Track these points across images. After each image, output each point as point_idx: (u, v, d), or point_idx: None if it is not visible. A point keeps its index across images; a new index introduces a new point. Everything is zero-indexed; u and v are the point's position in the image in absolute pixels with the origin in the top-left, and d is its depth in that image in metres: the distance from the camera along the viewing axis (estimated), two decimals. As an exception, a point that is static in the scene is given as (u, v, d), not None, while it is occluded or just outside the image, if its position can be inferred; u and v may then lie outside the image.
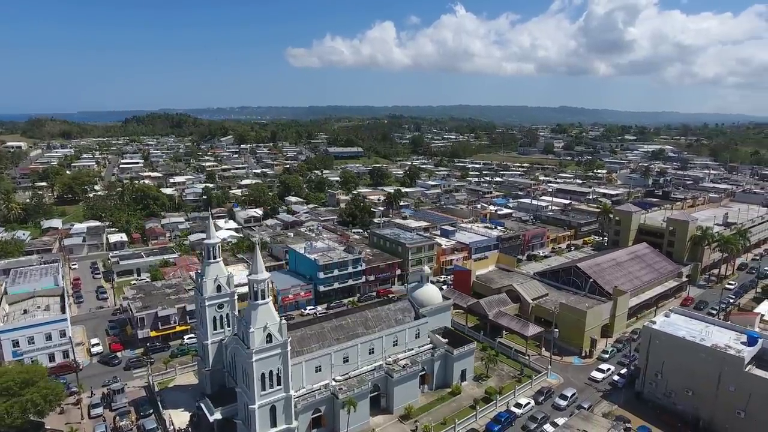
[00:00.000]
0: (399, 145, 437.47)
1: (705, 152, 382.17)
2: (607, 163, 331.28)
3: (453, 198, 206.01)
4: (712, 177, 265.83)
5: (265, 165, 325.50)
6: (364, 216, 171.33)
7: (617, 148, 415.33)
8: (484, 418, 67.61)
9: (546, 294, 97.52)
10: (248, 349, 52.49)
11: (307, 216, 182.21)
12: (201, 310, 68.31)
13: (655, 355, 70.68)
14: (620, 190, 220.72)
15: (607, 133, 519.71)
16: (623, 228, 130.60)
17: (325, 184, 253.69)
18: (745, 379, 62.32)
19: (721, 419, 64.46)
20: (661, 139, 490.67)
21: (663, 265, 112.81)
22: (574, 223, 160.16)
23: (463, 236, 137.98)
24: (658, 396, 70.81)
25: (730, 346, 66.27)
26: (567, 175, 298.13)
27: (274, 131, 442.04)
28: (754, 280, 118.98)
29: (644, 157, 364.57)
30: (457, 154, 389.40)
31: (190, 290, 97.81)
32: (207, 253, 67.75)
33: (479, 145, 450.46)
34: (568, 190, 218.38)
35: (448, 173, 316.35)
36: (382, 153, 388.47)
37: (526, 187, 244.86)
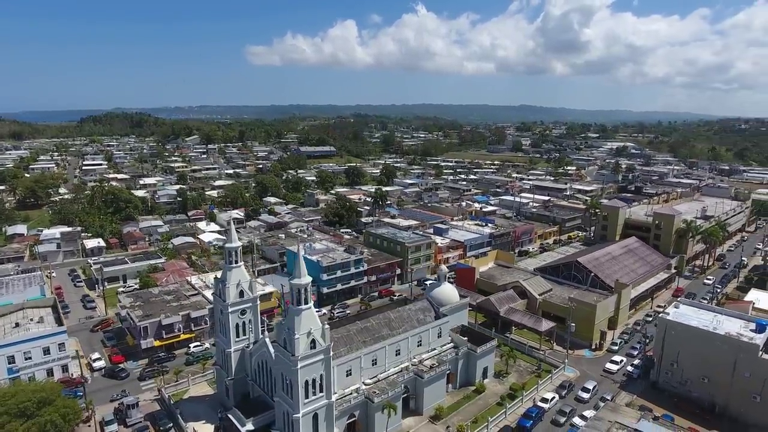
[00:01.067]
0: (370, 143, 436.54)
1: (664, 149, 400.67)
2: (575, 160, 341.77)
3: (436, 196, 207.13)
4: (675, 172, 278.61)
5: (237, 165, 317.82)
6: (351, 216, 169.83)
7: (582, 146, 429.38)
8: (513, 414, 68.15)
9: (550, 289, 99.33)
10: (293, 356, 50.76)
11: (291, 217, 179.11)
12: (223, 317, 65.63)
13: (671, 345, 73.13)
14: (594, 186, 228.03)
15: (569, 131, 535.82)
16: (611, 223, 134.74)
17: (302, 184, 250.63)
18: (760, 365, 65.33)
19: (737, 404, 67.36)
20: (620, 137, 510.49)
21: (654, 258, 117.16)
22: (558, 219, 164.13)
23: (457, 234, 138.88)
24: (674, 385, 73.33)
25: (742, 334, 69.41)
26: (538, 172, 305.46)
27: (243, 131, 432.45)
28: (734, 269, 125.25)
29: (609, 153, 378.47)
30: (429, 152, 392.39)
31: (192, 296, 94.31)
32: (228, 257, 65.25)
33: (449, 143, 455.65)
34: (546, 187, 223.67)
35: (422, 171, 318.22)
36: (354, 152, 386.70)
37: (503, 184, 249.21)
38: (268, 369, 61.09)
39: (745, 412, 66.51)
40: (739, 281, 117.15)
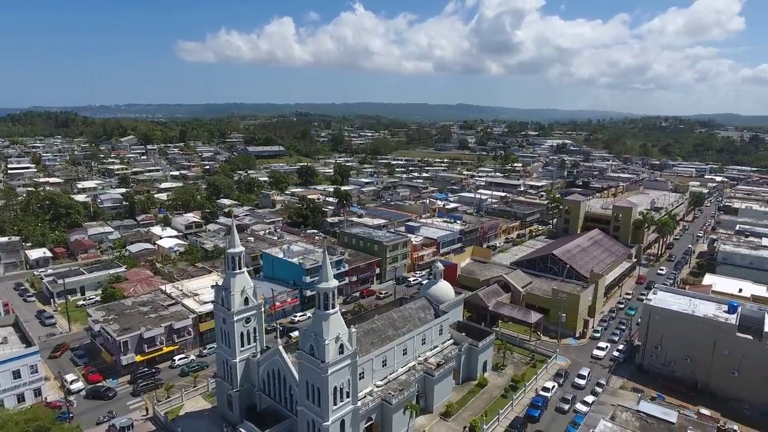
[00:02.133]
0: (318, 143, 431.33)
1: (600, 146, 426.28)
2: (520, 157, 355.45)
3: (397, 195, 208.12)
4: (612, 168, 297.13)
5: (181, 167, 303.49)
6: (316, 216, 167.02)
7: (524, 143, 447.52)
8: (518, 405, 69.93)
9: (530, 282, 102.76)
10: (323, 362, 49.17)
11: (250, 219, 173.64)
12: (226, 326, 62.42)
13: (655, 330, 77.94)
14: (544, 182, 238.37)
15: (510, 129, 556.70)
16: (573, 216, 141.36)
17: (255, 185, 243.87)
18: (737, 343, 71.14)
19: (717, 380, 72.97)
20: (556, 134, 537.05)
21: (617, 249, 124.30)
22: (519, 214, 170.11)
23: (428, 232, 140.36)
24: (658, 366, 78.23)
25: (718, 316, 75.24)
26: (487, 169, 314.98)
27: (184, 130, 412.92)
28: (685, 256, 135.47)
29: (550, 150, 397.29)
30: (378, 150, 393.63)
31: (170, 306, 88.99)
32: (230, 263, 62.16)
33: (398, 142, 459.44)
34: (500, 183, 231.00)
35: (374, 170, 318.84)
36: (304, 151, 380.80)
37: (458, 181, 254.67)
38: (281, 378, 58.89)
39: (725, 388, 72.15)
40: (691, 267, 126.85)
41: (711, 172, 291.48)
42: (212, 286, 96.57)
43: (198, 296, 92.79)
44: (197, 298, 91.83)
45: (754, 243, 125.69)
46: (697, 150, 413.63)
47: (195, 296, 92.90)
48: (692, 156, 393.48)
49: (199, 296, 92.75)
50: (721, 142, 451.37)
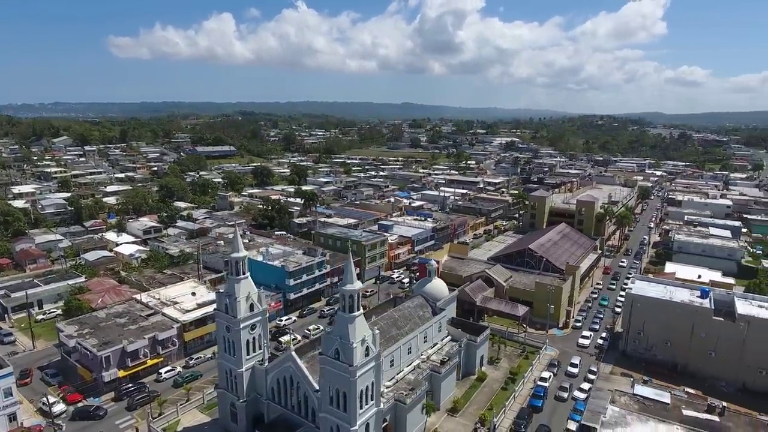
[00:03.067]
0: (269, 142, 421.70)
1: (545, 143, 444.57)
2: (472, 155, 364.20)
3: (361, 194, 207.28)
4: (560, 164, 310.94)
5: (125, 168, 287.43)
6: (283, 217, 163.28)
7: (474, 141, 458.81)
8: (520, 396, 71.73)
9: (511, 276, 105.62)
10: (351, 366, 48.14)
11: (211, 222, 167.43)
12: (231, 335, 59.79)
13: (637, 317, 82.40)
14: (501, 179, 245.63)
15: (458, 127, 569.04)
16: (539, 211, 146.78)
17: (209, 187, 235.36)
18: (713, 326, 76.55)
19: (695, 361, 78.19)
20: (501, 132, 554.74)
21: (584, 241, 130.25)
22: (484, 211, 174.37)
23: (402, 230, 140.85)
24: (641, 351, 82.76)
25: (693, 301, 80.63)
26: (442, 167, 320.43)
27: (125, 130, 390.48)
28: (641, 247, 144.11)
29: (500, 148, 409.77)
30: (332, 150, 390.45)
31: (149, 316, 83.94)
32: (234, 268, 59.58)
33: (350, 140, 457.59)
34: (460, 180, 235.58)
35: (330, 170, 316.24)
36: (255, 151, 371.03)
37: (417, 179, 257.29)
38: (294, 385, 57.13)
39: (703, 368, 77.45)
40: (650, 257, 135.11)
41: (650, 167, 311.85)
42: (192, 293, 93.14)
43: (178, 304, 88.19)
44: (178, 307, 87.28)
45: (704, 232, 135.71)
46: (632, 146, 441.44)
47: (175, 305, 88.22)
48: (628, 152, 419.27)
49: (179, 304, 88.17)
50: (653, 139, 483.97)
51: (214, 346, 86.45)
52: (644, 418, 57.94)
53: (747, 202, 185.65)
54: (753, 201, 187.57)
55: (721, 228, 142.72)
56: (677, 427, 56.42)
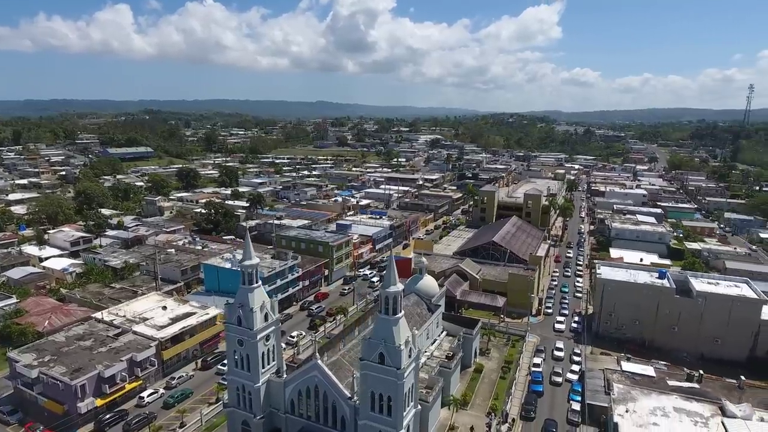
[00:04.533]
0: (188, 142, 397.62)
1: (466, 140, 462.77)
2: (401, 152, 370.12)
3: (304, 193, 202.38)
4: (486, 160, 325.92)
5: (26, 174, 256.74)
6: (229, 221, 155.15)
7: (399, 139, 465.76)
8: (519, 384, 74.55)
9: (480, 269, 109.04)
10: (399, 369, 47.16)
11: (146, 229, 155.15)
12: (245, 349, 55.91)
13: (608, 299, 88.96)
14: (436, 176, 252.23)
15: (380, 125, 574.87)
16: (488, 206, 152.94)
17: (131, 191, 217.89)
18: (675, 304, 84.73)
19: (660, 336, 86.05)
20: (422, 129, 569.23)
21: (535, 232, 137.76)
22: (432, 207, 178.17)
23: (358, 229, 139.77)
24: (611, 331, 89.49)
25: (655, 282, 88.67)
26: (374, 165, 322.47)
27: (18, 131, 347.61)
28: (580, 236, 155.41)
29: (426, 145, 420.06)
30: (257, 149, 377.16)
31: (117, 335, 75.92)
32: (247, 276, 55.85)
33: (275, 140, 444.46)
34: (399, 178, 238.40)
35: (259, 170, 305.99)
36: (174, 152, 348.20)
37: (354, 178, 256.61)
38: (321, 394, 54.78)
39: (667, 342, 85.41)
40: (591, 244, 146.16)
41: (566, 161, 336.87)
42: (163, 307, 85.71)
43: (150, 320, 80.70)
44: (150, 323, 79.86)
45: (635, 219, 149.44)
46: (544, 142, 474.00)
47: (145, 321, 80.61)
48: (541, 147, 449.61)
49: (151, 320, 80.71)
50: (561, 135, 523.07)
51: (193, 362, 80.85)
52: (646, 392, 62.89)
53: (658, 191, 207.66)
54: (662, 190, 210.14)
55: (646, 215, 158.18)
56: (675, 397, 61.89)
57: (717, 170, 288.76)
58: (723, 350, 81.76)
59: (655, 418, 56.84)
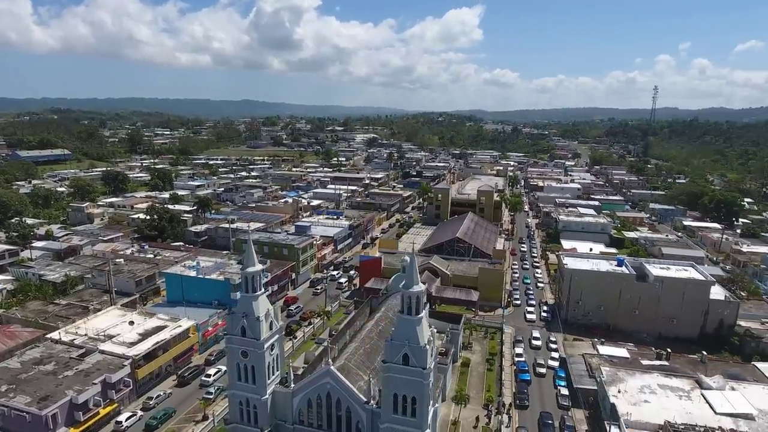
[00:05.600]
0: (110, 144, 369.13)
1: (402, 138, 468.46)
2: (339, 152, 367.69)
3: (250, 195, 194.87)
4: (425, 158, 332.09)
5: None
6: (176, 226, 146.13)
7: (336, 138, 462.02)
8: (506, 374, 76.86)
9: (448, 265, 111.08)
10: (425, 369, 46.90)
11: (81, 239, 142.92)
12: (250, 360, 52.95)
13: (575, 288, 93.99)
14: (381, 174, 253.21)
15: (313, 124, 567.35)
16: (443, 203, 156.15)
17: (53, 198, 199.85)
18: (636, 289, 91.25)
19: (623, 320, 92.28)
20: (356, 128, 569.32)
21: (491, 227, 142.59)
22: (384, 206, 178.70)
23: (318, 230, 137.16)
24: (579, 317, 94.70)
25: (616, 269, 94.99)
26: (314, 164, 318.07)
27: None
28: (528, 229, 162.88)
29: (364, 144, 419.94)
30: (188, 150, 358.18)
31: (81, 356, 69.02)
32: (250, 283, 53.05)
33: (207, 140, 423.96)
34: (345, 177, 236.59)
35: (193, 172, 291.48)
36: (94, 154, 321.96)
37: (297, 178, 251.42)
38: (334, 401, 53.18)
39: (629, 325, 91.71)
40: (542, 237, 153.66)
41: (500, 158, 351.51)
42: (130, 322, 79.06)
43: (117, 337, 74.14)
44: (118, 340, 73.39)
45: (577, 212, 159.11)
46: (475, 140, 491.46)
47: (111, 338, 73.94)
48: (472, 145, 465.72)
49: (118, 337, 74.18)
50: (491, 133, 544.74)
51: (167, 379, 75.40)
52: (630, 372, 67.16)
53: (589, 185, 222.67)
54: (593, 184, 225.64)
55: (586, 207, 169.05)
56: (656, 374, 66.68)
57: (634, 165, 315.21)
58: (678, 329, 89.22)
59: (644, 396, 60.90)
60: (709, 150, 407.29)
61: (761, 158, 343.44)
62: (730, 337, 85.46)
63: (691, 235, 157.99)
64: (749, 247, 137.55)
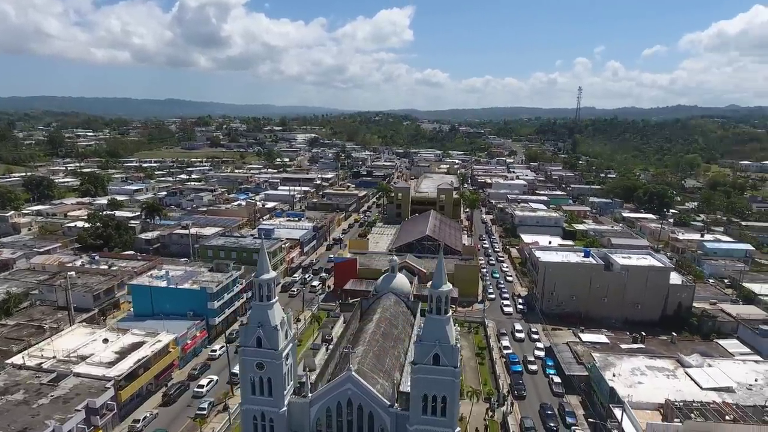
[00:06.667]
0: (26, 146, 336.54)
1: (344, 138, 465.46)
2: (282, 152, 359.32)
3: (200, 199, 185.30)
4: (371, 158, 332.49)
5: None
6: (125, 234, 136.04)
7: (276, 138, 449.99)
8: (498, 366, 78.78)
9: (422, 263, 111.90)
10: (456, 368, 46.99)
11: (13, 252, 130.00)
12: (266, 372, 50.37)
13: (549, 280, 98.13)
14: (331, 174, 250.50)
15: (252, 124, 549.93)
16: (404, 201, 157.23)
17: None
18: (604, 278, 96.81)
19: (593, 308, 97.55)
20: (294, 127, 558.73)
21: (454, 224, 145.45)
22: (342, 206, 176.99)
23: (282, 232, 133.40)
24: (553, 308, 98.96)
25: (585, 261, 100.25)
26: (257, 165, 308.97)
27: None
28: (485, 225, 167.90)
29: (306, 144, 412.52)
30: (116, 152, 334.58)
31: (56, 381, 62.59)
32: (266, 292, 50.50)
33: (136, 141, 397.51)
34: (295, 178, 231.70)
35: (126, 176, 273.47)
36: (8, 158, 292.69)
37: (244, 180, 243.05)
38: (355, 408, 51.90)
39: (599, 312, 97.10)
40: (499, 232, 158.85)
41: (442, 157, 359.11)
42: (104, 340, 72.59)
43: (91, 357, 67.88)
44: (93, 360, 67.23)
45: (530, 207, 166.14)
46: (414, 139, 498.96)
47: (85, 359, 67.58)
48: (412, 144, 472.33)
49: (92, 357, 67.94)
50: (430, 132, 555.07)
51: (150, 398, 70.14)
52: (618, 356, 71.12)
53: (533, 181, 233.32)
54: (536, 180, 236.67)
55: (536, 203, 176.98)
56: (641, 357, 71.13)
57: (567, 161, 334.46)
58: (642, 313, 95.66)
59: (637, 378, 64.75)
60: (629, 147, 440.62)
61: (675, 154, 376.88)
62: (689, 318, 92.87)
63: (631, 226, 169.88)
64: (684, 235, 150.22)
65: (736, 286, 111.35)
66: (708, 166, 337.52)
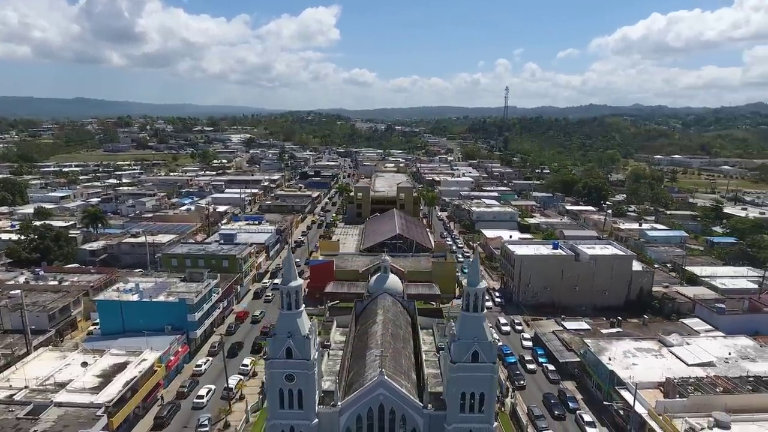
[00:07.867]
0: None
1: (280, 138, 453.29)
2: (217, 153, 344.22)
3: (141, 204, 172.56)
4: (314, 158, 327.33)
5: None
6: (66, 246, 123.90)
7: (209, 140, 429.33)
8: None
9: (398, 262, 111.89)
10: (494, 364, 47.53)
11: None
12: (297, 384, 48.06)
13: (524, 272, 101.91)
14: (277, 176, 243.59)
15: (174, 125, 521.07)
16: (364, 201, 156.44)
17: None
18: (575, 268, 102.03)
19: (565, 296, 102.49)
20: (226, 129, 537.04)
21: (418, 223, 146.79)
22: (297, 207, 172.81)
23: (245, 237, 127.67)
24: (529, 299, 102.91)
25: (555, 252, 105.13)
26: (193, 168, 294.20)
27: None
28: (444, 222, 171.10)
29: (243, 144, 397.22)
30: (31, 156, 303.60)
31: (35, 414, 55.77)
32: (294, 300, 48.13)
33: (52, 144, 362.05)
34: (241, 180, 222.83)
35: (45, 182, 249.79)
36: None
37: (184, 183, 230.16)
38: (388, 412, 50.89)
39: (570, 300, 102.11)
40: (459, 228, 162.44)
41: (383, 156, 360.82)
42: (83, 363, 65.58)
43: (69, 384, 61.10)
44: (74, 387, 60.59)
45: (484, 203, 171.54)
46: (351, 138, 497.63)
47: (64, 387, 60.72)
48: (348, 143, 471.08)
49: (71, 383, 61.19)
50: (366, 131, 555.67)
51: (138, 422, 64.41)
52: (607, 341, 75.26)
53: (478, 178, 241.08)
54: (480, 177, 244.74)
55: (489, 199, 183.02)
56: (627, 340, 75.80)
57: (504, 158, 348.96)
58: (609, 299, 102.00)
59: (630, 360, 68.90)
60: (554, 143, 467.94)
61: (596, 150, 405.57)
62: (651, 301, 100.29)
63: (575, 218, 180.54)
64: (624, 225, 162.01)
65: (678, 269, 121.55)
66: (626, 161, 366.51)
